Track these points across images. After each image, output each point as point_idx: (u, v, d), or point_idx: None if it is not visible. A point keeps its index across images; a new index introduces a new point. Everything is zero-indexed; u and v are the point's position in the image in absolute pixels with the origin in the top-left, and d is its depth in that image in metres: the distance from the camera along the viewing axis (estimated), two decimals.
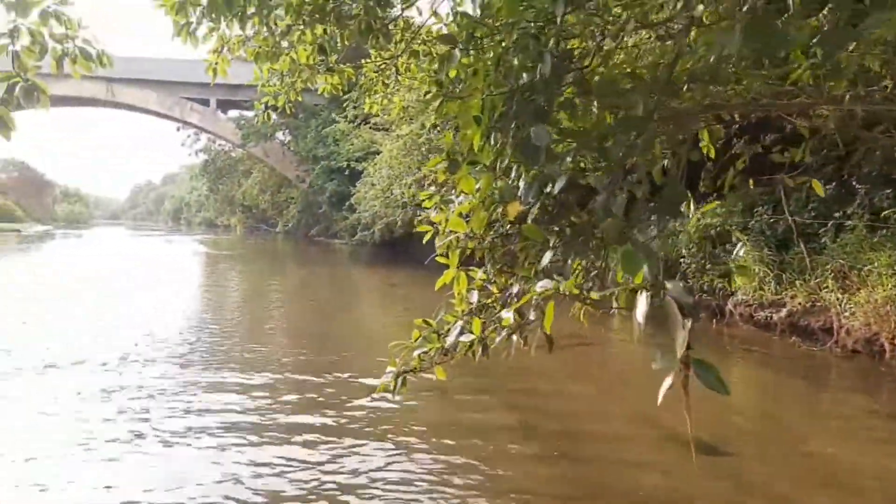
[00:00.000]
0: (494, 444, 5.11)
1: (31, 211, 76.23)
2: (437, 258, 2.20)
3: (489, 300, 1.98)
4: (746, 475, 4.63)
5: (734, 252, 8.67)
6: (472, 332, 1.86)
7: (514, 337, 1.72)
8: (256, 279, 21.84)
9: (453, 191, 2.43)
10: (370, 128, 27.50)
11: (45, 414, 5.76)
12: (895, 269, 7.81)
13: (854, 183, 9.14)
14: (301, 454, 4.86)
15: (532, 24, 2.01)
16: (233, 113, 50.52)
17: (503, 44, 2.15)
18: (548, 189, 1.77)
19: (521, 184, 1.87)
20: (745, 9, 1.64)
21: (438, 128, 15.09)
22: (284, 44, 4.93)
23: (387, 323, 11.74)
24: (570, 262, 1.72)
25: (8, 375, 6.94)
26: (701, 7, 1.88)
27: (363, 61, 6.55)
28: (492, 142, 2.03)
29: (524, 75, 1.92)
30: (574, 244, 1.68)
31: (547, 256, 1.73)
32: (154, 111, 50.61)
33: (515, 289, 1.83)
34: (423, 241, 2.32)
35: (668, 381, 1.28)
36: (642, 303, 1.32)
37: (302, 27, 4.53)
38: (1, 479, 4.41)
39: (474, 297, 1.95)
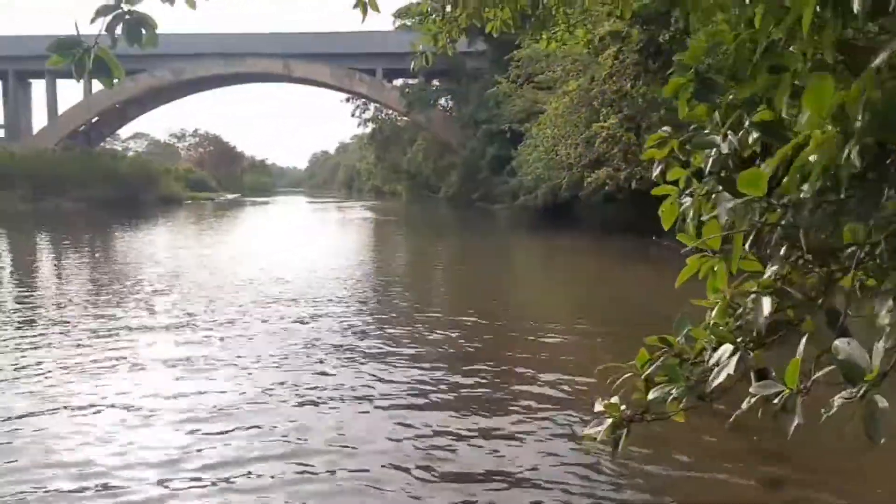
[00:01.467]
0: None
1: (223, 181, 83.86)
2: (678, 237, 1.35)
3: (790, 311, 1.11)
4: None
5: None
6: (756, 369, 1.05)
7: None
8: (418, 245, 21.94)
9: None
10: (533, 87, 26.41)
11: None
12: None
13: None
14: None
15: None
16: (397, 82, 51.58)
17: None
18: None
19: None
20: None
21: (616, 75, 13.74)
22: None
23: (554, 297, 10.92)
24: None
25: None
26: None
27: None
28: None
29: None
30: None
31: None
32: (327, 83, 52.97)
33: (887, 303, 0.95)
34: (661, 211, 1.46)
35: None
36: None
37: None
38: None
39: (765, 306, 1.08)
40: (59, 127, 50.94)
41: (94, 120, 54.28)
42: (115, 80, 2.90)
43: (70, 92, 53.12)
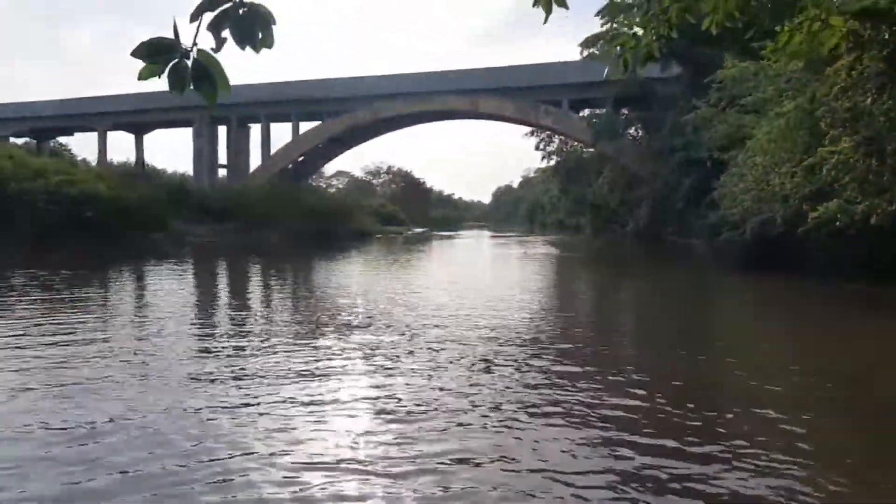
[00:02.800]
0: None
1: (412, 215, 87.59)
2: None
3: None
4: None
5: None
6: None
7: None
8: (604, 284, 20.37)
9: None
10: (737, 111, 23.83)
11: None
12: None
13: None
14: None
15: None
16: (584, 113, 50.31)
17: None
18: None
19: None
20: None
21: (851, 89, 11.40)
22: None
23: (775, 367, 8.93)
24: None
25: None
26: None
27: None
28: None
29: None
30: None
31: None
32: (511, 117, 53.17)
33: None
34: None
35: None
36: None
37: None
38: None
39: None
40: (270, 166, 56.26)
41: (300, 159, 59.27)
42: (222, 94, 2.13)
43: (282, 133, 58.67)
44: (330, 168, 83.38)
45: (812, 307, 13.29)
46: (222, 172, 59.22)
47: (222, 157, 58.97)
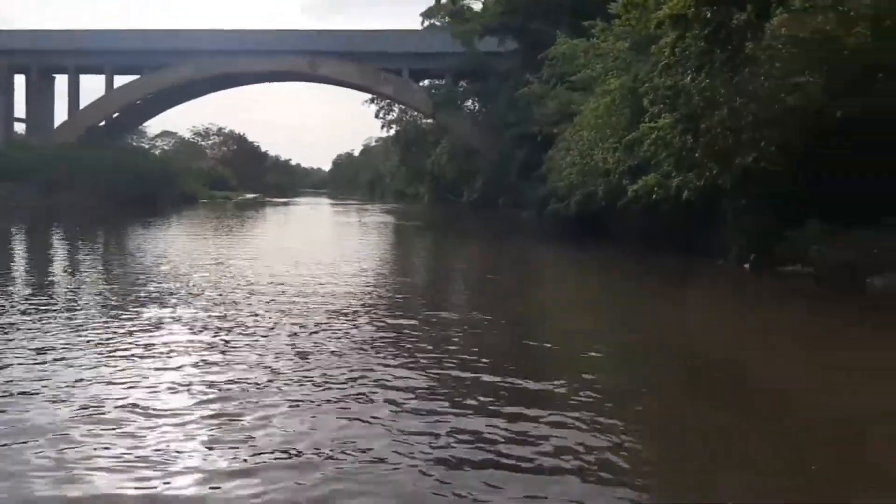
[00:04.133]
0: None
1: (245, 180, 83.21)
2: None
3: None
4: None
5: None
6: None
7: None
8: (440, 253, 20.40)
9: None
10: (567, 87, 24.72)
11: None
12: None
13: None
14: None
15: None
16: (424, 83, 50.19)
17: None
18: None
19: None
20: None
21: (674, 67, 11.88)
22: None
23: (580, 324, 9.18)
24: None
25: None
26: None
27: None
28: None
29: None
30: None
31: None
32: (352, 83, 51.72)
33: None
34: None
35: None
36: None
37: None
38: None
39: None
40: (78, 121, 50.15)
41: (115, 115, 53.59)
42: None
43: (93, 85, 52.42)
44: (154, 128, 76.29)
45: (625, 277, 13.96)
46: (20, 128, 51.99)
47: (20, 112, 51.66)
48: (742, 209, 13.64)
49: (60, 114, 51.81)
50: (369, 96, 57.53)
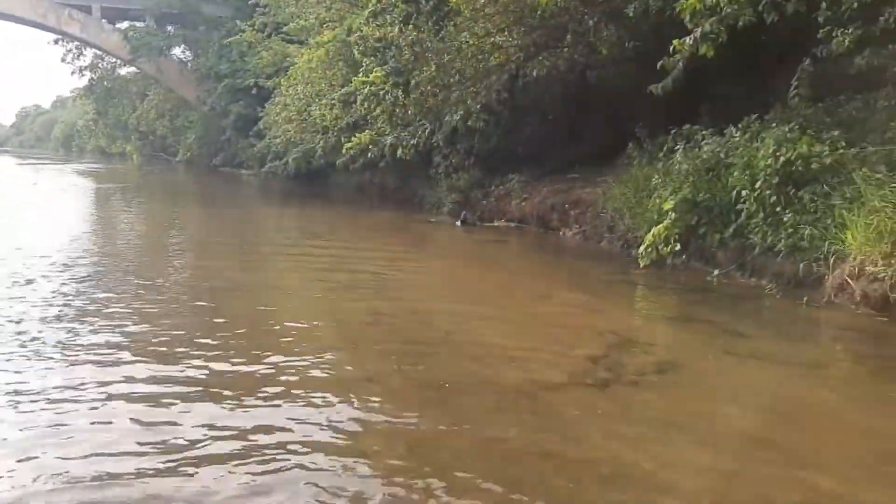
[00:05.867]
0: None
1: None
2: None
3: None
4: None
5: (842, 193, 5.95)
6: None
7: None
8: (152, 220, 17.86)
9: None
10: (282, 38, 23.31)
11: None
12: None
13: None
14: None
15: None
16: (121, 25, 43.95)
17: None
18: None
19: None
20: None
21: (379, 16, 11.36)
22: None
23: (310, 288, 8.44)
24: None
25: None
26: None
27: None
28: None
29: None
30: None
31: None
32: (23, 18, 43.26)
33: None
34: None
35: None
36: None
37: None
38: None
39: None
40: None
41: None
42: None
43: None
44: None
45: (340, 233, 13.32)
46: None
47: None
48: (454, 167, 13.98)
49: None
50: (54, 37, 48.84)
